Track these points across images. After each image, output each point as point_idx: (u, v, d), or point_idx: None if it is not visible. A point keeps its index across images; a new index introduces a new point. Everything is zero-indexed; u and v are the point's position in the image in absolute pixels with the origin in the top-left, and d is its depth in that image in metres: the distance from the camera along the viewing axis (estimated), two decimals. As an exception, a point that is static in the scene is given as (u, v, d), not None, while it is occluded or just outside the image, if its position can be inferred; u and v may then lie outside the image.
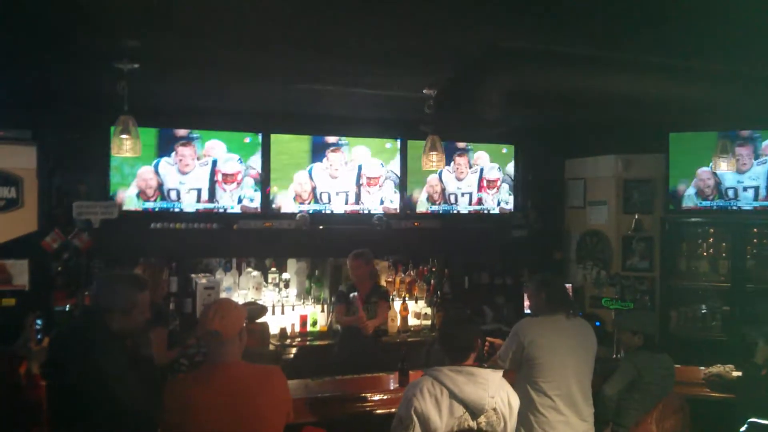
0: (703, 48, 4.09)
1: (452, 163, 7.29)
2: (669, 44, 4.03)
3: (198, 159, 6.32)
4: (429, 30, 3.77)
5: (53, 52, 4.24)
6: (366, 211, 6.91)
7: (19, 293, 5.65)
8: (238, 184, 6.47)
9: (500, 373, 3.43)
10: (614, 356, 5.68)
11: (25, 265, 5.74)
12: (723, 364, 5.36)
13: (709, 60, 4.37)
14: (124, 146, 4.42)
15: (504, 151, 7.56)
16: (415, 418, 3.24)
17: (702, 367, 5.43)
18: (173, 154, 6.24)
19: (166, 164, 6.23)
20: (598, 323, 6.49)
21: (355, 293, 5.77)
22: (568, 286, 6.70)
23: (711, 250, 6.92)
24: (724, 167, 5.75)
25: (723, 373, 5.26)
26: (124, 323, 3.25)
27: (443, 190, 7.28)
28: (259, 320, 5.24)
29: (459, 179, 7.34)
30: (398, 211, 7.05)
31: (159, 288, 4.97)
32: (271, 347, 6.29)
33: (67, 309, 5.77)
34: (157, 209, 6.22)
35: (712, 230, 6.93)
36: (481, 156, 7.44)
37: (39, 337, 5.25)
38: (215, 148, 6.39)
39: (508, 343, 4.28)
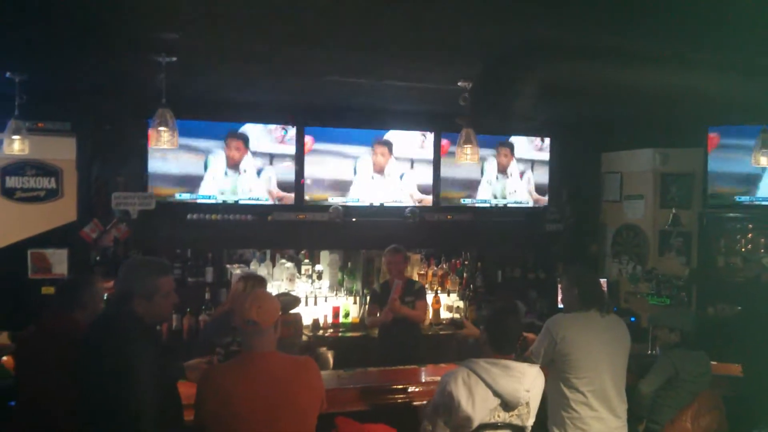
0: (746, 43, 4.01)
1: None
2: (711, 39, 3.96)
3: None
4: (465, 22, 3.74)
5: (93, 44, 4.30)
6: (398, 204, 6.93)
7: (58, 282, 5.77)
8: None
9: (536, 367, 3.43)
10: (649, 352, 5.61)
11: (65, 254, 5.86)
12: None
13: (752, 54, 4.28)
14: (162, 138, 4.48)
15: (539, 143, 7.50)
16: (448, 405, 3.28)
17: (738, 364, 5.35)
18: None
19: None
20: (633, 318, 6.43)
21: (398, 282, 5.73)
22: (603, 281, 6.63)
23: (749, 246, 6.80)
24: (764, 162, 5.63)
25: None
26: (146, 308, 3.16)
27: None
28: (292, 311, 5.28)
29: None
30: (431, 203, 7.06)
31: None
32: (304, 338, 6.35)
33: (105, 297, 5.88)
34: (193, 200, 6.30)
35: (750, 225, 6.80)
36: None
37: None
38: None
39: (540, 338, 4.25)
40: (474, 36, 4.00)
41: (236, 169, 6.39)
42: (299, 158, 6.59)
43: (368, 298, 6.20)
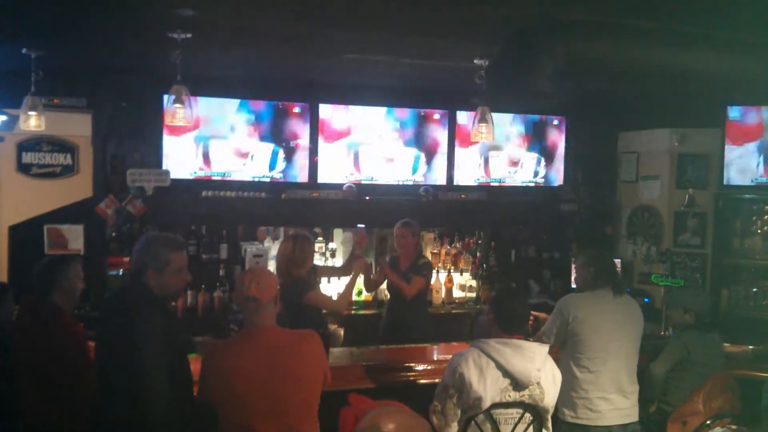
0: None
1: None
2: (731, 18, 3.90)
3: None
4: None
5: (108, 21, 4.30)
6: (412, 183, 6.92)
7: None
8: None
9: (546, 347, 3.44)
10: (662, 333, 5.61)
11: (81, 230, 5.90)
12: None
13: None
14: (178, 115, 4.48)
15: (555, 122, 7.46)
16: (459, 386, 3.30)
17: (751, 346, 5.34)
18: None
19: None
20: (646, 299, 6.41)
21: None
22: (617, 261, 6.60)
23: (765, 228, 6.75)
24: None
25: None
26: (158, 281, 3.22)
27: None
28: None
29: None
30: (445, 182, 7.04)
31: (307, 260, 4.84)
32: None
33: (120, 273, 5.94)
34: (207, 177, 6.32)
35: (767, 207, 6.75)
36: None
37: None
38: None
39: (552, 318, 4.26)
40: (493, 13, 3.96)
41: (251, 146, 6.41)
42: (313, 136, 6.59)
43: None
